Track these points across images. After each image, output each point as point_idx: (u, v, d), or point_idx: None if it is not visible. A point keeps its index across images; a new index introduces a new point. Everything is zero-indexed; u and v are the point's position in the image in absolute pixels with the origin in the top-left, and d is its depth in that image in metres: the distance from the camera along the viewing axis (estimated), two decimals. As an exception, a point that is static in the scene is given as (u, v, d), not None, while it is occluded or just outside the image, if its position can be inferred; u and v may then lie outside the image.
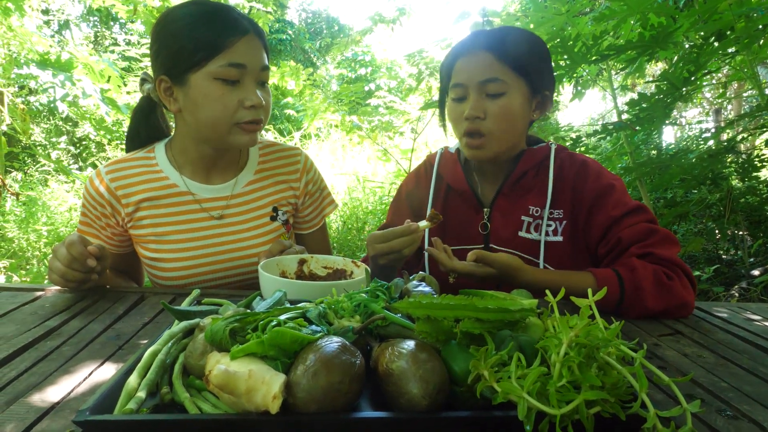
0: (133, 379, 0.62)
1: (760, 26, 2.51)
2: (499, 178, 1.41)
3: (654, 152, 5.04)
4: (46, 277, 1.23)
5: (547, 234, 1.34)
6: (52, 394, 0.69)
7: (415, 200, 1.51)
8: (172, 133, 1.43)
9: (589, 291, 0.64)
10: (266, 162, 1.48)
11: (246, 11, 5.11)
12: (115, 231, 1.38)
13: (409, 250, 1.21)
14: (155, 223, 1.35)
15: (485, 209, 1.41)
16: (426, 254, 1.44)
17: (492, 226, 1.39)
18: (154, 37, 1.26)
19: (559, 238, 1.34)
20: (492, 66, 1.27)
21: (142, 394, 0.60)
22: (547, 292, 0.68)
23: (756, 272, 3.31)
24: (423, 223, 1.22)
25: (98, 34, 11.76)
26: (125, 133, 1.49)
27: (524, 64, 1.29)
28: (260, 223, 1.42)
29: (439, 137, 6.85)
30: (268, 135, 6.84)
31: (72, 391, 0.70)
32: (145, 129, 1.44)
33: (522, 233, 1.36)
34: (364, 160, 6.89)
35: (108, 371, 0.77)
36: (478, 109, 1.28)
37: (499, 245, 1.38)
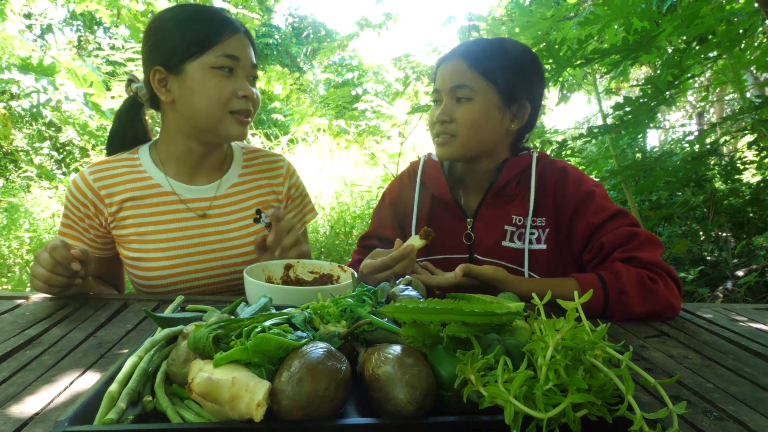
0: (113, 388, 0.60)
1: (741, 30, 2.56)
2: (482, 188, 1.41)
3: (639, 155, 5.09)
4: (28, 284, 1.21)
5: (530, 242, 1.35)
6: (32, 404, 0.68)
7: (400, 208, 1.52)
8: (156, 137, 1.44)
9: (576, 294, 0.64)
10: (250, 166, 1.50)
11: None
12: (98, 233, 1.36)
13: (410, 269, 1.23)
14: (138, 223, 1.34)
15: (468, 219, 1.41)
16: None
17: (476, 237, 1.40)
18: (148, 33, 1.31)
19: (543, 246, 1.34)
20: (462, 73, 1.31)
21: (123, 403, 0.59)
22: (534, 295, 0.68)
23: (740, 273, 3.35)
24: (417, 242, 1.22)
25: (82, 38, 11.65)
26: (108, 136, 1.49)
27: (495, 72, 1.30)
28: (244, 224, 1.42)
29: (427, 141, 6.87)
30: (255, 140, 6.81)
31: (52, 401, 0.69)
32: (131, 130, 1.45)
33: (506, 243, 1.36)
34: (352, 165, 6.88)
35: (90, 380, 0.76)
36: (445, 113, 1.32)
37: (483, 255, 1.38)
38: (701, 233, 4.05)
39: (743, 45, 2.77)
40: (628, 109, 2.75)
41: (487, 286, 1.20)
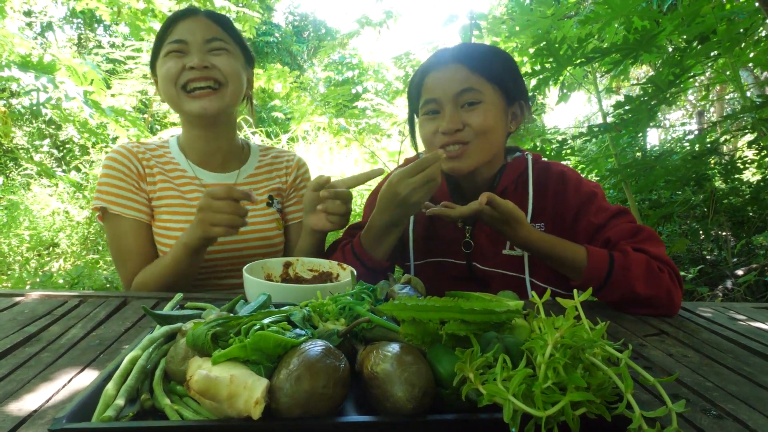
0: (111, 386, 0.60)
1: (741, 29, 2.55)
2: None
3: (639, 154, 5.09)
4: (28, 281, 1.22)
5: None
6: (30, 402, 0.67)
7: None
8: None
9: (575, 292, 0.63)
10: (265, 159, 1.64)
11: (233, 16, 5.09)
12: (145, 197, 1.45)
13: (439, 178, 1.17)
14: (169, 197, 1.45)
15: (467, 227, 1.38)
16: (412, 256, 1.42)
17: (475, 245, 1.37)
18: None
19: None
20: (466, 77, 1.25)
21: (121, 401, 0.59)
22: (534, 293, 0.68)
23: (740, 272, 3.35)
24: (439, 150, 1.18)
25: (82, 36, 11.64)
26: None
27: (497, 73, 1.27)
28: (258, 208, 1.54)
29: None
30: (255, 138, 6.80)
31: (50, 398, 0.69)
32: None
33: (506, 251, 1.33)
34: (352, 163, 6.88)
35: (89, 378, 0.76)
36: (455, 122, 1.24)
37: (483, 264, 1.36)
38: (701, 232, 4.05)
39: (744, 44, 2.76)
40: (628, 108, 2.75)
41: (504, 220, 1.16)
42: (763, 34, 2.97)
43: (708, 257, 3.92)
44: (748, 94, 3.58)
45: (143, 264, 1.39)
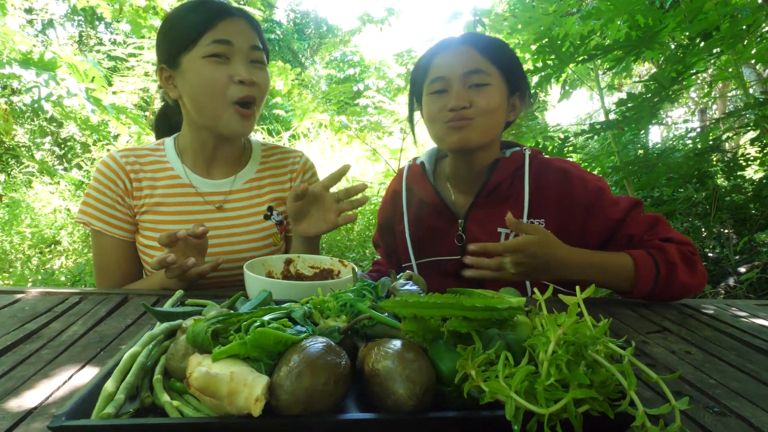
0: (111, 383, 0.60)
1: (744, 26, 2.54)
2: (474, 188, 1.38)
3: (641, 151, 5.08)
4: (30, 279, 1.22)
5: None
6: (30, 398, 0.67)
7: (390, 222, 1.53)
8: None
9: (577, 289, 0.63)
10: (267, 162, 1.51)
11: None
12: (128, 213, 1.38)
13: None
14: (156, 211, 1.37)
15: (459, 220, 1.38)
16: (412, 255, 1.42)
17: (468, 237, 1.36)
18: (158, 33, 1.34)
19: None
20: (475, 58, 1.28)
21: (120, 398, 0.58)
22: (536, 290, 0.67)
23: (742, 269, 3.35)
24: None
25: (83, 33, 11.63)
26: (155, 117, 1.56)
27: (503, 60, 1.31)
28: (254, 220, 1.44)
29: (428, 137, 6.84)
30: (257, 135, 6.80)
31: (51, 395, 0.68)
32: (172, 110, 1.50)
33: None
34: (353, 160, 6.88)
35: (89, 375, 0.76)
36: (463, 99, 1.26)
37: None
38: (703, 230, 4.04)
39: (746, 41, 2.75)
40: (630, 105, 2.74)
41: (544, 242, 1.12)
42: (766, 30, 2.96)
43: (710, 255, 3.91)
44: (751, 91, 3.57)
45: (121, 280, 1.38)
